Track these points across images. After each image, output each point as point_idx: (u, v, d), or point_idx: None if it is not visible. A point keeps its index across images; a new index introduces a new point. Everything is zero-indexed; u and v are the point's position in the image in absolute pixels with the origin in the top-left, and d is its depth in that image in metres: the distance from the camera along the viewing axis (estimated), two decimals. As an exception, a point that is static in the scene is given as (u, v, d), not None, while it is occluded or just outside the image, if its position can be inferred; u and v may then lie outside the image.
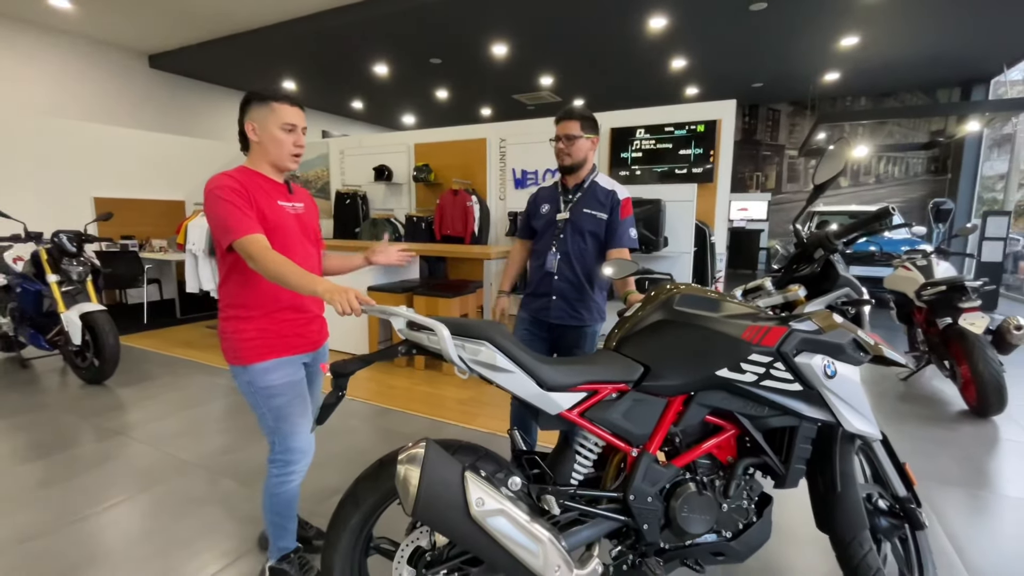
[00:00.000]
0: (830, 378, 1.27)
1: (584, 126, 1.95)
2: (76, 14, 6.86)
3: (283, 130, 1.49)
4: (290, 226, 1.54)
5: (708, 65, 8.07)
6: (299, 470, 1.60)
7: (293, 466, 1.58)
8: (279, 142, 1.50)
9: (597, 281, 2.03)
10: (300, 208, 1.61)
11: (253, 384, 1.52)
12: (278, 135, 1.49)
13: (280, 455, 1.57)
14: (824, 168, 1.40)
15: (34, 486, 2.27)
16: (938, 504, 2.18)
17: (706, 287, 1.47)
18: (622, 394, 1.32)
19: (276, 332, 1.53)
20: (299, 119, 1.52)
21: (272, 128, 1.49)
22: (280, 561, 1.65)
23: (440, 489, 1.08)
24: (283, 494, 1.59)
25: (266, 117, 1.48)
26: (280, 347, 1.53)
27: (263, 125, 1.49)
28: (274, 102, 1.48)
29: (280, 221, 1.50)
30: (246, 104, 1.51)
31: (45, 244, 3.54)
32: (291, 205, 1.57)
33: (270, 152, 1.51)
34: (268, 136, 1.49)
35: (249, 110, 1.50)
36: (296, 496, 1.63)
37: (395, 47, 7.51)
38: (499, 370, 1.22)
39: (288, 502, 1.61)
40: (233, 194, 1.41)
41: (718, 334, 1.29)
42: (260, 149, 1.51)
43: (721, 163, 4.66)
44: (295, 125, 1.51)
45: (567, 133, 1.94)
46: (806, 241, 1.43)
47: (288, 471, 1.58)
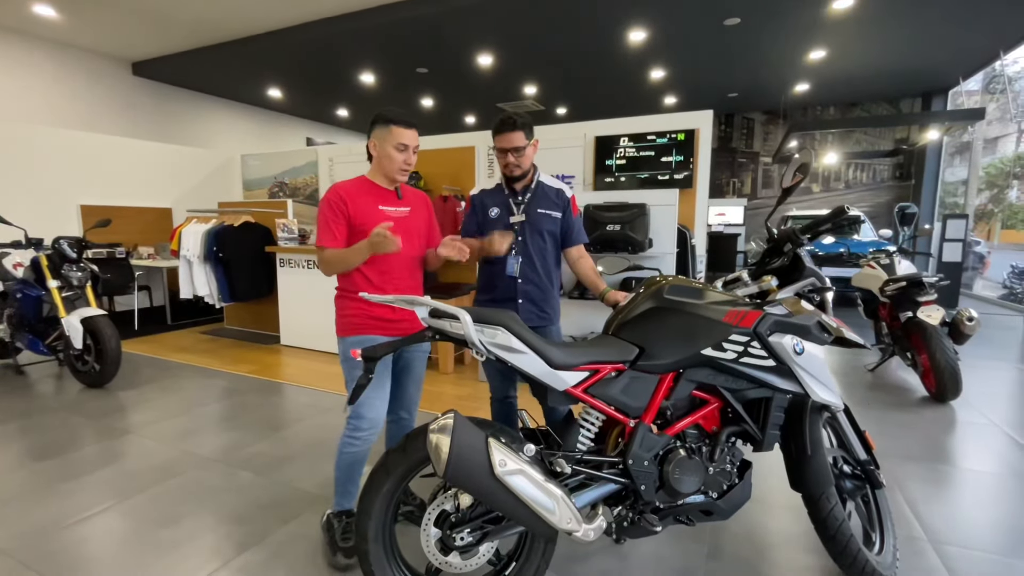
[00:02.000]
0: (799, 355, 1.47)
1: (527, 134, 1.93)
2: (60, 22, 6.86)
3: (396, 149, 1.75)
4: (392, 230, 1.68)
5: (686, 76, 8.41)
6: (365, 437, 1.77)
7: (360, 432, 1.76)
8: (391, 159, 1.76)
9: (556, 279, 2.13)
10: (405, 212, 1.86)
11: (344, 354, 1.82)
12: (391, 153, 1.75)
13: (353, 420, 1.77)
14: (790, 173, 1.61)
15: (56, 480, 2.35)
16: (899, 477, 2.41)
17: (690, 279, 1.67)
18: (620, 373, 1.50)
19: (369, 313, 1.78)
20: (411, 140, 1.76)
21: (387, 147, 1.75)
22: (336, 515, 1.83)
23: (468, 452, 1.24)
24: (348, 455, 1.78)
25: (384, 137, 1.74)
26: (370, 326, 1.78)
27: (381, 144, 1.76)
28: (393, 125, 1.73)
29: (379, 223, 1.64)
30: (373, 123, 1.78)
31: (46, 250, 3.59)
32: (395, 210, 1.83)
33: (384, 166, 1.78)
34: (384, 153, 1.76)
35: (374, 129, 1.77)
36: (361, 461, 1.80)
37: (381, 57, 7.66)
38: (514, 351, 1.39)
39: (351, 464, 1.79)
40: (328, 208, 1.74)
41: (703, 318, 1.48)
42: (377, 163, 1.80)
43: (700, 170, 4.91)
44: (407, 145, 1.76)
45: (514, 146, 1.91)
46: (777, 237, 1.64)
47: (356, 435, 1.76)
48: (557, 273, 2.14)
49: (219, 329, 5.68)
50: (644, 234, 3.24)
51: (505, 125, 1.93)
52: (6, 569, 1.76)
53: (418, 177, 6.33)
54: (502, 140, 1.94)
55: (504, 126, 1.93)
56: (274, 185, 7.70)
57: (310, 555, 1.83)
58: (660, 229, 3.45)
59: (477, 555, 1.41)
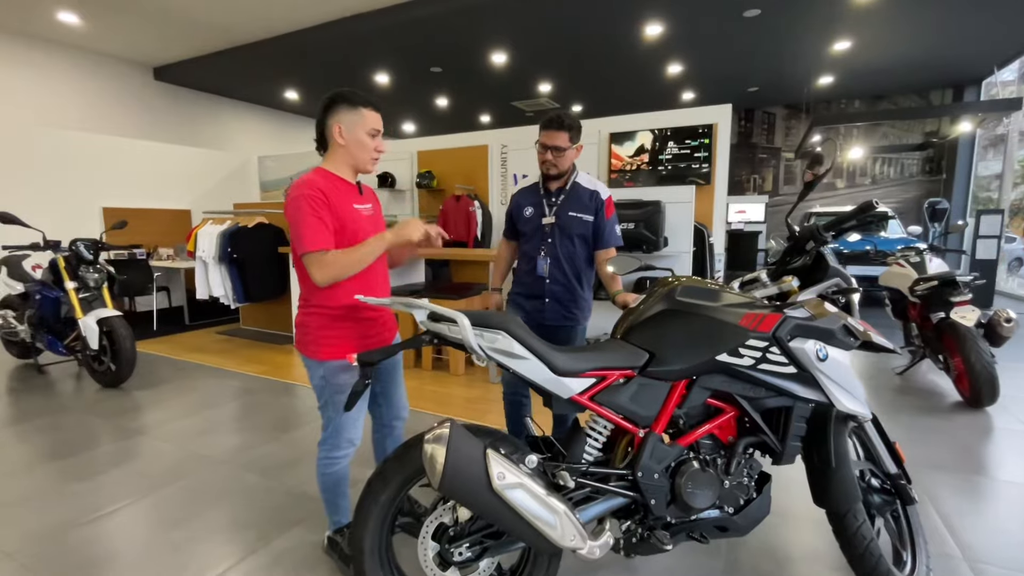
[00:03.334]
0: (822, 361, 1.37)
1: (572, 137, 1.93)
2: (84, 29, 7.01)
3: (369, 135, 1.57)
4: (367, 230, 1.59)
5: (704, 70, 8.23)
6: (344, 456, 1.69)
7: (340, 451, 1.67)
8: (364, 146, 1.57)
9: (587, 280, 2.10)
10: (370, 209, 1.67)
11: (327, 379, 1.60)
12: (364, 140, 1.56)
13: (330, 439, 1.66)
14: (812, 167, 1.51)
15: (68, 480, 2.36)
16: (931, 488, 2.27)
17: (706, 279, 1.57)
18: (629, 379, 1.41)
19: (357, 333, 1.61)
20: (381, 125, 1.61)
21: (359, 133, 1.55)
22: (336, 533, 1.77)
23: (464, 464, 1.18)
24: (331, 474, 1.69)
25: (355, 122, 1.54)
26: (358, 348, 1.58)
27: (350, 129, 1.54)
28: (363, 108, 1.55)
29: (357, 226, 1.57)
30: (333, 105, 1.54)
31: (63, 252, 3.65)
32: (363, 207, 1.63)
33: (354, 155, 1.57)
34: (354, 140, 1.55)
35: (336, 112, 1.53)
36: (344, 477, 1.72)
37: (395, 56, 7.66)
38: (515, 357, 1.32)
39: (336, 482, 1.71)
40: (312, 204, 1.46)
41: (717, 321, 1.39)
42: (343, 152, 1.56)
43: (718, 166, 4.78)
44: (379, 131, 1.60)
45: (555, 144, 1.91)
46: (798, 235, 1.54)
47: (335, 455, 1.67)
48: (588, 274, 2.12)
49: (235, 329, 5.73)
50: (659, 232, 3.14)
51: (552, 123, 1.94)
52: (9, 572, 1.76)
53: (431, 177, 6.31)
54: (546, 136, 1.95)
55: (551, 123, 1.94)
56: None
57: (311, 562, 1.79)
58: (676, 227, 3.34)
59: (477, 571, 1.34)
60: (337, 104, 1.54)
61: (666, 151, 4.93)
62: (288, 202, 1.51)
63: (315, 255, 1.47)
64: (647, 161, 5.03)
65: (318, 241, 1.47)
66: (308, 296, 1.60)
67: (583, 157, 5.34)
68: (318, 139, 1.60)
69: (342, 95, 1.55)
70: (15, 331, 3.92)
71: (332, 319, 1.58)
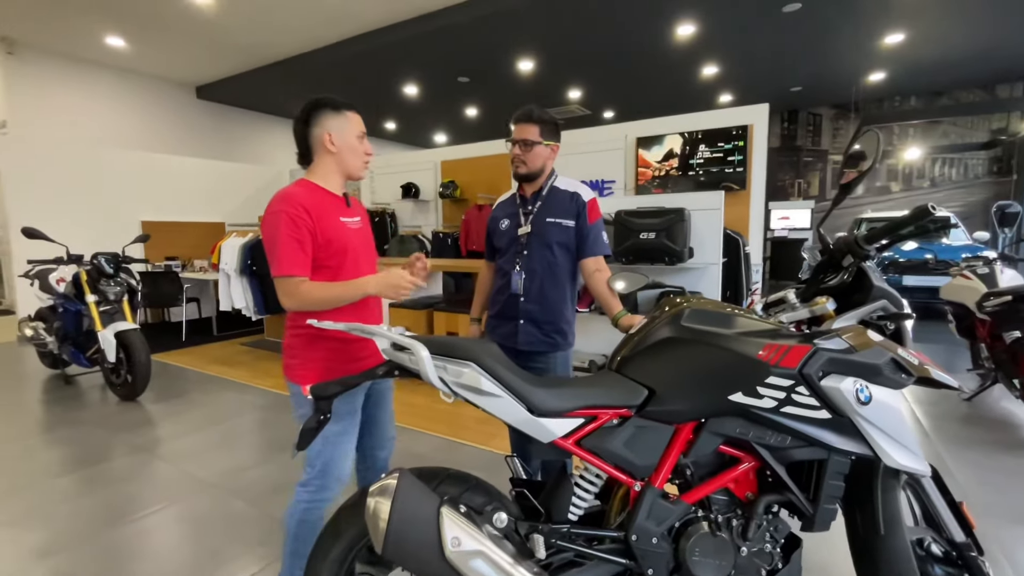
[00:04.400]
0: (864, 404, 1.10)
1: (544, 131, 1.76)
2: (130, 52, 7.34)
3: (359, 139, 1.48)
4: (355, 244, 1.49)
5: (741, 71, 7.83)
6: (331, 497, 1.49)
7: (327, 492, 1.48)
8: (356, 151, 1.48)
9: (570, 297, 1.85)
10: (358, 222, 1.55)
11: None
12: (355, 144, 1.47)
13: (316, 479, 1.47)
14: (850, 164, 1.25)
15: (58, 501, 2.32)
16: (1008, 545, 1.91)
17: (723, 302, 1.33)
18: (624, 420, 1.19)
19: (347, 356, 1.49)
20: (364, 126, 1.52)
21: (349, 137, 1.46)
22: None
23: (412, 525, 0.99)
24: (312, 521, 1.48)
25: (343, 127, 1.45)
26: (345, 372, 1.45)
27: (340, 135, 1.45)
28: (348, 111, 1.46)
29: (346, 241, 1.46)
30: (317, 113, 1.44)
31: (85, 266, 3.71)
32: (352, 220, 1.52)
33: (347, 162, 1.48)
34: (347, 146, 1.46)
35: (321, 119, 1.44)
36: (322, 522, 1.49)
37: (423, 68, 7.65)
38: (484, 394, 1.12)
39: (315, 530, 1.45)
40: (292, 224, 1.35)
41: (731, 353, 1.15)
42: (333, 160, 1.47)
43: (754, 170, 4.45)
44: (365, 132, 1.51)
45: (524, 138, 1.74)
46: (832, 247, 1.27)
47: (320, 497, 1.48)
48: (571, 289, 1.87)
49: (259, 340, 5.76)
50: (683, 242, 2.87)
51: (522, 116, 1.78)
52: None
53: (454, 186, 6.21)
54: (515, 130, 1.79)
55: (520, 116, 1.78)
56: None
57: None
58: (703, 236, 3.06)
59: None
60: (321, 111, 1.45)
61: (697, 155, 4.64)
62: (266, 217, 1.38)
63: (287, 281, 1.36)
64: (676, 166, 4.75)
65: (293, 266, 1.36)
66: (294, 317, 1.47)
67: (607, 162, 5.18)
68: (301, 151, 1.49)
69: (324, 101, 1.46)
70: (45, 342, 4.03)
71: (317, 341, 1.44)
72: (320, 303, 1.39)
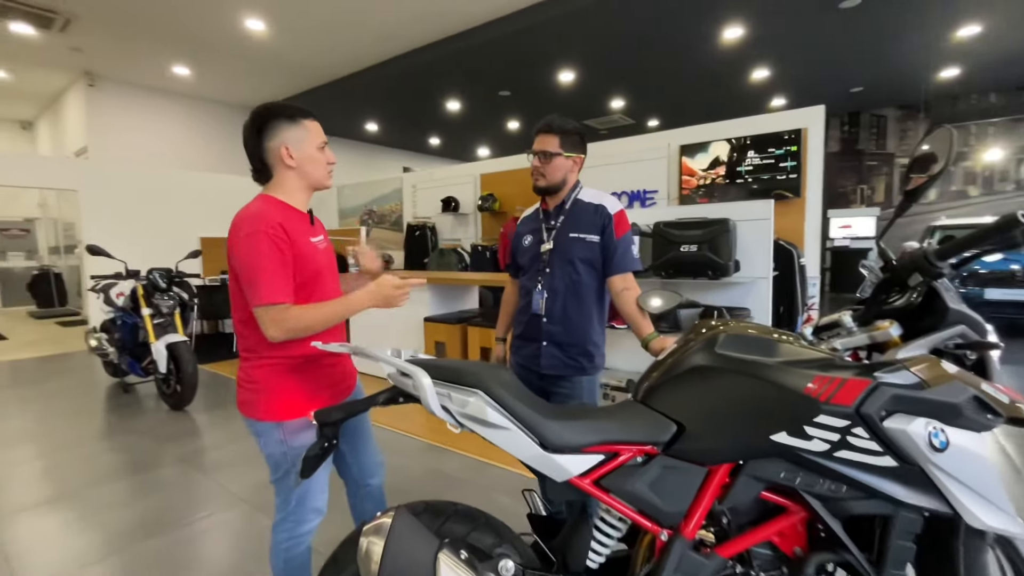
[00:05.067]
0: (939, 451, 0.93)
1: (564, 142, 1.66)
2: (193, 79, 7.86)
3: (319, 149, 1.38)
4: (324, 265, 1.41)
5: (794, 73, 7.44)
6: (311, 529, 1.43)
7: (306, 524, 1.41)
8: (317, 162, 1.37)
9: (597, 317, 1.72)
10: (323, 242, 1.47)
11: (288, 443, 1.34)
12: (316, 155, 1.36)
13: (293, 515, 1.39)
14: (917, 167, 1.07)
15: (101, 509, 2.40)
16: None
17: (768, 326, 1.18)
18: (650, 458, 1.06)
19: (321, 385, 1.40)
20: (324, 135, 1.42)
21: (309, 149, 1.35)
22: None
23: (406, 571, 0.90)
24: (296, 557, 1.41)
25: (301, 138, 1.34)
26: (320, 400, 1.37)
27: (298, 147, 1.33)
28: (305, 120, 1.35)
29: (316, 263, 1.37)
30: (270, 124, 1.32)
31: (141, 281, 3.92)
32: (317, 240, 1.42)
33: (310, 175, 1.37)
34: (306, 158, 1.35)
35: (277, 132, 1.32)
36: (309, 558, 1.45)
37: (464, 83, 7.74)
38: (490, 426, 1.03)
39: (304, 563, 1.44)
40: (273, 246, 1.24)
41: (773, 386, 1.00)
42: (294, 175, 1.35)
43: (810, 175, 4.16)
44: (326, 141, 1.41)
45: (543, 149, 1.66)
46: (896, 263, 1.09)
47: (300, 531, 1.41)
48: (598, 309, 1.74)
49: (303, 352, 5.91)
50: (728, 255, 2.67)
51: (542, 126, 1.70)
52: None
53: (493, 199, 6.19)
54: (536, 142, 1.71)
55: (540, 127, 1.70)
56: (364, 213, 8.06)
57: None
58: (751, 248, 2.85)
59: None
60: (273, 122, 1.32)
61: (745, 162, 4.40)
62: (239, 240, 1.25)
63: (275, 308, 1.22)
64: (724, 174, 4.52)
65: (279, 293, 1.23)
66: (257, 346, 1.33)
67: (649, 172, 5.00)
68: (256, 167, 1.37)
69: (276, 111, 1.33)
70: (106, 352, 4.27)
71: (289, 370, 1.34)
72: (313, 327, 1.25)
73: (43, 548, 2.11)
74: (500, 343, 1.95)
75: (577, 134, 1.70)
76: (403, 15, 5.77)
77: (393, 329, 4.41)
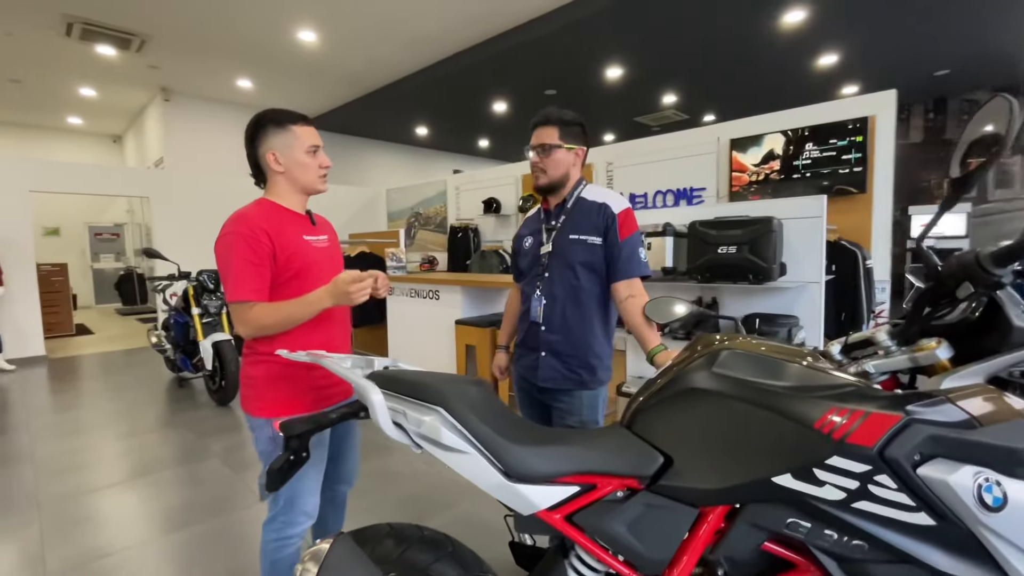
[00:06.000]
0: (992, 510, 0.72)
1: (564, 133, 1.54)
2: (256, 90, 8.30)
3: (308, 153, 1.40)
4: (319, 263, 1.43)
5: (868, 56, 6.79)
6: (300, 533, 1.43)
7: (295, 527, 1.41)
8: (306, 167, 1.40)
9: (600, 326, 1.56)
10: (325, 241, 1.50)
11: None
12: (304, 160, 1.39)
13: (282, 515, 1.40)
14: (975, 150, 0.86)
15: (133, 502, 2.52)
16: None
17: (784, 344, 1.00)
18: (632, 493, 0.92)
19: (311, 383, 1.41)
20: (318, 139, 1.43)
21: (297, 154, 1.38)
22: None
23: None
24: (283, 559, 1.42)
25: (288, 144, 1.38)
26: (315, 399, 1.40)
27: (286, 152, 1.38)
28: (293, 125, 1.38)
29: (309, 259, 1.40)
30: (260, 131, 1.38)
31: (192, 282, 4.13)
32: (316, 239, 1.46)
33: (298, 180, 1.41)
34: (294, 163, 1.39)
35: (265, 138, 1.37)
36: (299, 555, 1.45)
37: (512, 83, 7.68)
38: (446, 448, 0.93)
39: (292, 566, 1.43)
40: (246, 245, 1.29)
41: (776, 416, 0.83)
42: (284, 179, 1.41)
43: (878, 168, 3.75)
44: (318, 146, 1.42)
45: (541, 142, 1.54)
46: (941, 270, 0.88)
47: (289, 533, 1.41)
48: (602, 318, 1.59)
49: (348, 352, 6.06)
50: (772, 257, 2.41)
51: (539, 119, 1.58)
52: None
53: (533, 200, 6.08)
54: (533, 136, 1.59)
55: (537, 120, 1.58)
56: (411, 215, 8.20)
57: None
58: (799, 249, 2.56)
59: None
60: (263, 129, 1.37)
61: (803, 155, 4.04)
62: (219, 239, 1.33)
63: (239, 306, 1.30)
64: (778, 169, 4.17)
65: (245, 291, 1.29)
66: (254, 344, 1.38)
67: (697, 168, 4.72)
68: (254, 172, 1.45)
69: (266, 117, 1.37)
70: (165, 349, 4.56)
71: (280, 368, 1.35)
72: (273, 326, 1.30)
73: (78, 533, 2.22)
74: (502, 352, 1.84)
75: (577, 124, 1.57)
76: (447, 18, 5.78)
77: (426, 332, 4.40)
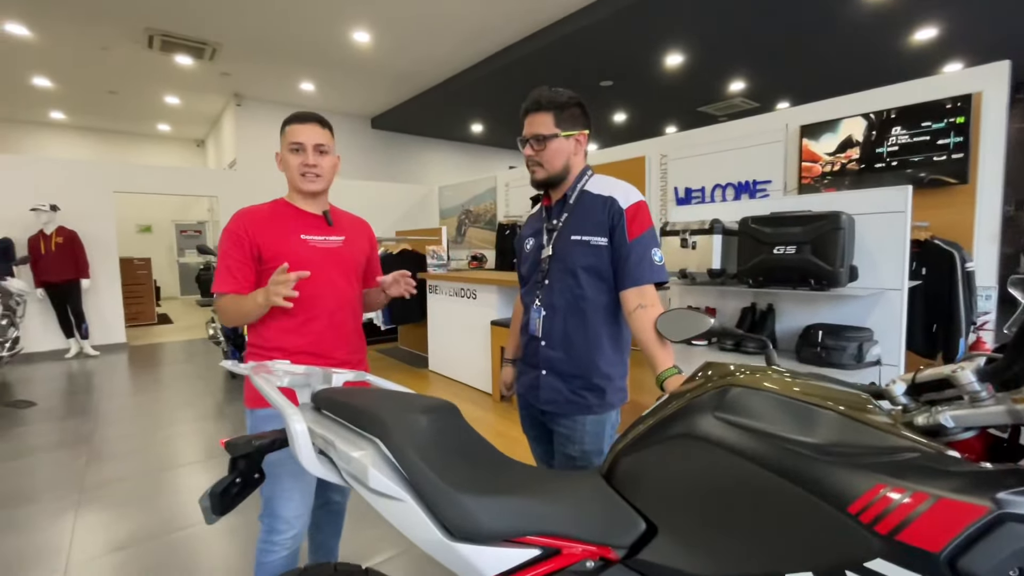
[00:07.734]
0: None
1: (560, 119, 1.31)
2: (318, 93, 8.59)
3: (290, 151, 1.40)
4: (315, 262, 1.40)
5: (972, 27, 5.92)
6: (282, 542, 1.36)
7: (276, 535, 1.35)
8: (289, 165, 1.42)
9: (608, 340, 1.32)
10: (336, 242, 1.48)
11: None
12: (288, 158, 1.42)
13: (265, 518, 1.38)
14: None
15: (152, 495, 2.56)
16: None
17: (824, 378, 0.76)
18: (606, 565, 0.72)
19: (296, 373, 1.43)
20: (309, 136, 1.39)
21: (284, 153, 1.43)
22: None
23: None
24: (271, 564, 1.36)
25: (282, 144, 1.43)
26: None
27: (282, 153, 1.44)
28: (287, 125, 1.42)
29: (301, 258, 1.39)
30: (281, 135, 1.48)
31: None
32: (322, 239, 1.45)
33: (288, 178, 1.45)
34: (283, 162, 1.44)
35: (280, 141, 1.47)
36: (280, 566, 1.38)
37: (565, 75, 7.42)
38: (376, 495, 0.76)
39: (276, 572, 1.37)
40: (229, 241, 1.38)
41: (796, 490, 0.59)
42: (287, 179, 1.46)
43: (981, 156, 3.19)
44: (302, 144, 1.39)
45: (535, 132, 1.32)
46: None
47: (271, 539, 1.36)
48: (611, 331, 1.34)
49: (393, 349, 6.10)
50: (839, 259, 2.05)
51: (529, 105, 1.36)
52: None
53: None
54: (525, 125, 1.38)
55: (528, 106, 1.36)
56: (461, 212, 8.17)
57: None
58: (875, 250, 2.17)
59: None
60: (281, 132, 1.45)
61: (888, 140, 3.52)
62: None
63: (216, 296, 1.39)
64: (858, 157, 3.68)
65: (217, 282, 1.37)
66: (251, 336, 1.45)
67: (762, 159, 4.30)
68: None
69: (285, 121, 1.43)
70: (219, 340, 4.77)
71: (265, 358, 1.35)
72: (235, 318, 1.38)
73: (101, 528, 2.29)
74: (508, 364, 1.64)
75: (575, 105, 1.34)
76: (496, 12, 5.65)
77: (463, 332, 4.30)
